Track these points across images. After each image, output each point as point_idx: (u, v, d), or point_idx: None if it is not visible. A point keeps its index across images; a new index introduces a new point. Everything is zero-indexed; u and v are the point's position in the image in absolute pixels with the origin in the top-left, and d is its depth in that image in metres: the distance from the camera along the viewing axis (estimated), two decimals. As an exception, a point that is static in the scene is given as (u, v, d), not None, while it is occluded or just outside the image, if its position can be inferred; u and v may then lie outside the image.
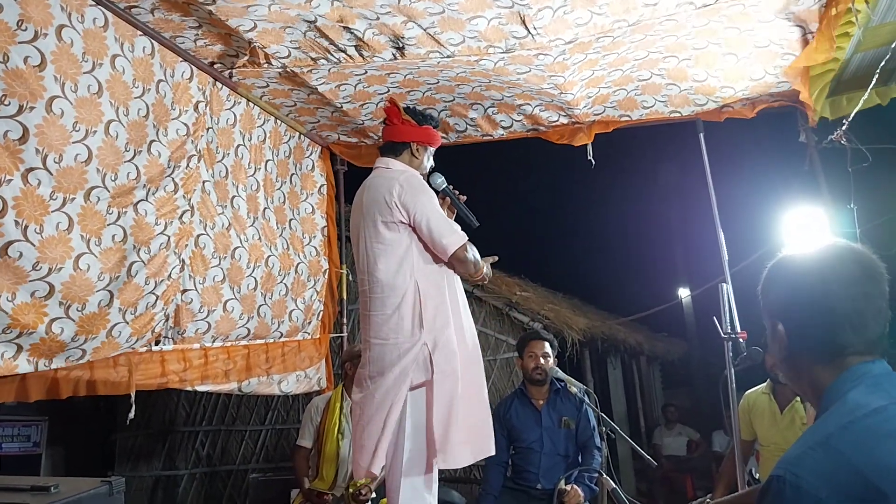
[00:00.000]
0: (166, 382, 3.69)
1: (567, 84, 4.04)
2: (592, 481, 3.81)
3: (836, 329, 1.26)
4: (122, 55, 3.21)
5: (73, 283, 2.94)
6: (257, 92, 4.23)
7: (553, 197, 18.39)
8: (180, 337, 3.72)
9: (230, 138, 4.12)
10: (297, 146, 4.85)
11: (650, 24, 3.47)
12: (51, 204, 2.83)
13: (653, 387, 13.28)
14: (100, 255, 3.08)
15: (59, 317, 2.91)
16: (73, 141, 2.91)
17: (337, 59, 3.73)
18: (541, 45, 3.53)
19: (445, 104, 4.50)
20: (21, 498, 2.13)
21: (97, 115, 3.04)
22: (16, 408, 5.92)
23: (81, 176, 2.97)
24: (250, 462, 7.48)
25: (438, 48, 3.59)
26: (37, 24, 2.75)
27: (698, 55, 3.89)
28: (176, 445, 7.67)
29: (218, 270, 3.92)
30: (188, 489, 7.54)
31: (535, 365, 4.12)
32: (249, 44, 3.55)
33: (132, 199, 3.28)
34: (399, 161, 3.00)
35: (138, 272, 3.31)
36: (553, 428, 4.06)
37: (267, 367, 4.39)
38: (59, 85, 2.85)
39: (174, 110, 3.57)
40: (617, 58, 3.86)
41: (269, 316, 4.39)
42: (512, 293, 7.08)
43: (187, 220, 3.66)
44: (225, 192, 4.05)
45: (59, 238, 2.87)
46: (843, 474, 1.09)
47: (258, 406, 7.60)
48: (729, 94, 4.30)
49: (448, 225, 2.83)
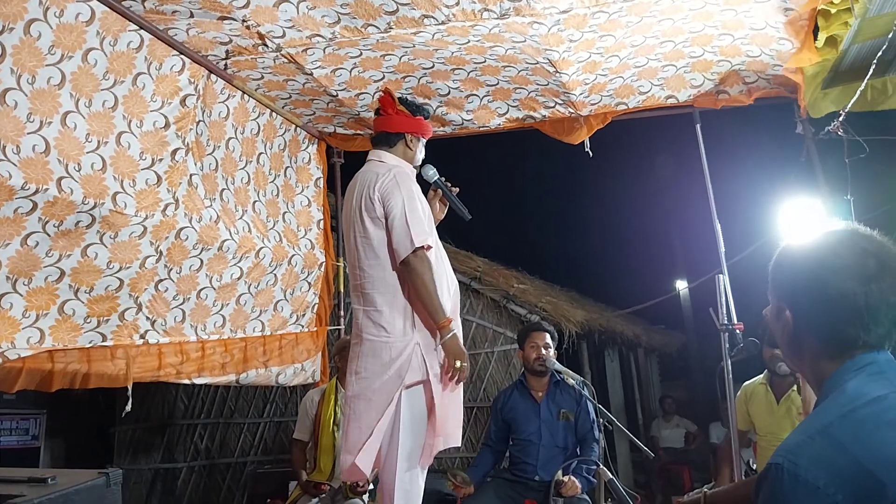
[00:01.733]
0: (163, 375, 3.70)
1: (562, 62, 4.00)
2: (590, 473, 3.81)
3: (846, 324, 1.23)
4: (100, 48, 3.17)
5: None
6: (252, 84, 4.21)
7: (550, 189, 18.43)
8: (164, 329, 3.72)
9: (222, 131, 4.10)
10: (292, 139, 4.84)
11: (646, 3, 3.46)
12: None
13: (650, 379, 13.32)
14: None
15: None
16: (28, 132, 2.90)
17: (332, 35, 3.69)
18: (535, 11, 3.49)
19: (441, 97, 4.49)
20: (18, 489, 2.12)
21: (54, 107, 3.02)
22: (14, 401, 5.92)
23: (45, 167, 2.97)
24: (249, 455, 7.50)
25: (433, 12, 3.54)
26: (5, 19, 2.75)
27: (694, 37, 3.88)
28: (175, 438, 7.68)
29: (195, 260, 3.91)
30: (187, 482, 7.56)
31: (537, 355, 4.12)
32: (243, 22, 3.50)
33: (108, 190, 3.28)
34: (392, 153, 2.98)
35: (97, 254, 3.32)
36: (552, 420, 4.07)
37: (265, 359, 4.40)
38: (16, 78, 2.83)
39: (154, 102, 3.53)
40: (614, 42, 3.84)
41: (249, 305, 4.39)
42: (509, 286, 7.08)
43: (170, 213, 3.64)
44: (214, 185, 4.04)
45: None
46: (841, 463, 1.09)
47: (256, 399, 7.62)
48: (725, 68, 4.25)
49: (410, 228, 2.73)
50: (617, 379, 10.72)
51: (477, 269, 7.18)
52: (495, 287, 7.04)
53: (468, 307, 7.12)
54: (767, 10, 3.60)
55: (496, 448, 4.26)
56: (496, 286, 7.05)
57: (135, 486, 7.40)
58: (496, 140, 5.20)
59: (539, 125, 4.84)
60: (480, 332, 7.06)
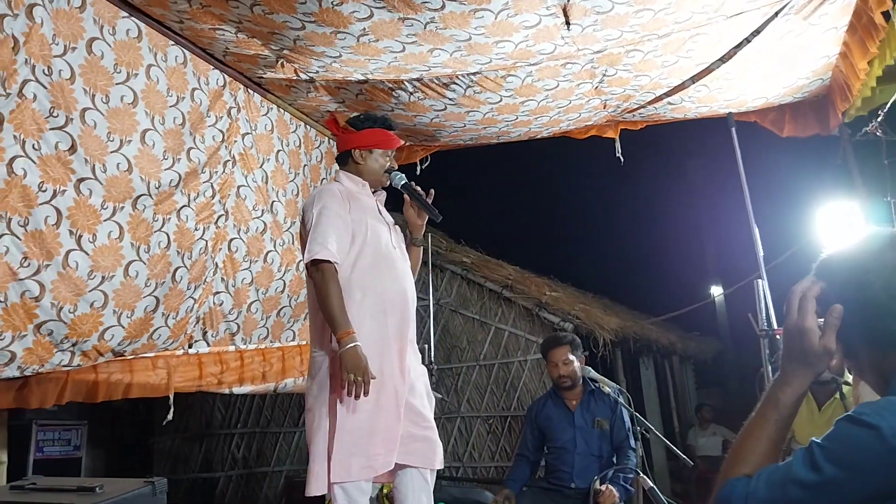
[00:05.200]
0: (204, 385, 3.76)
1: (594, 91, 4.06)
2: (628, 482, 3.79)
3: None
4: (156, 65, 3.28)
5: (124, 291, 3.04)
6: (287, 99, 4.30)
7: (581, 195, 18.28)
8: (214, 339, 3.79)
9: (269, 144, 4.20)
10: (327, 150, 4.91)
11: (681, 39, 3.49)
12: (102, 213, 2.94)
13: (686, 387, 13.15)
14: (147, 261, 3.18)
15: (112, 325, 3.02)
16: (110, 150, 2.99)
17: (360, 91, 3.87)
18: (569, 54, 3.54)
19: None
20: (68, 498, 2.19)
21: (132, 125, 3.12)
22: (56, 412, 6.04)
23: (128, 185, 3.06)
24: (285, 464, 7.56)
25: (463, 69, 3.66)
26: (66, 39, 2.83)
27: (728, 70, 3.90)
28: (213, 448, 7.77)
29: (247, 273, 3.99)
30: (225, 491, 7.64)
31: (558, 374, 4.12)
32: (277, 59, 3.62)
33: (174, 205, 3.37)
34: (345, 172, 2.98)
35: (182, 278, 3.39)
36: (586, 428, 4.05)
37: (302, 368, 4.45)
38: (90, 97, 2.93)
39: (209, 117, 3.64)
40: (643, 60, 3.86)
41: (287, 316, 4.47)
42: (541, 293, 7.05)
43: (222, 224, 3.73)
44: (265, 196, 4.14)
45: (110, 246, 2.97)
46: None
47: (291, 408, 7.68)
48: (761, 103, 4.32)
49: (311, 241, 2.69)
50: (652, 387, 10.61)
51: (508, 277, 7.18)
52: (527, 295, 7.02)
53: (500, 315, 7.12)
54: (805, 32, 3.59)
55: (532, 458, 4.24)
56: (528, 294, 7.02)
57: (172, 495, 7.49)
58: (527, 148, 5.21)
59: (568, 133, 4.87)
60: (513, 341, 7.04)
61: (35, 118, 2.67)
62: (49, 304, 2.72)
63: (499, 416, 6.81)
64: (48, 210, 2.71)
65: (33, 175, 2.66)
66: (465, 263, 7.31)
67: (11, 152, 2.59)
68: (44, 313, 2.72)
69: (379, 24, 3.30)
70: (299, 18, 3.21)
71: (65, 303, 2.78)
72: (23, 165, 2.62)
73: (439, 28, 3.32)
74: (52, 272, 2.73)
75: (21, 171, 2.62)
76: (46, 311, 2.72)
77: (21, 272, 2.63)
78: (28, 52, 2.63)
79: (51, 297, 2.73)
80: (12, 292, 2.62)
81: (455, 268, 7.23)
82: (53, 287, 2.73)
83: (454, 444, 6.98)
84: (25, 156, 2.63)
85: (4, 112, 2.55)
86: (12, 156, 2.59)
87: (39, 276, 2.69)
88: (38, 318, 2.70)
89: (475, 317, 7.21)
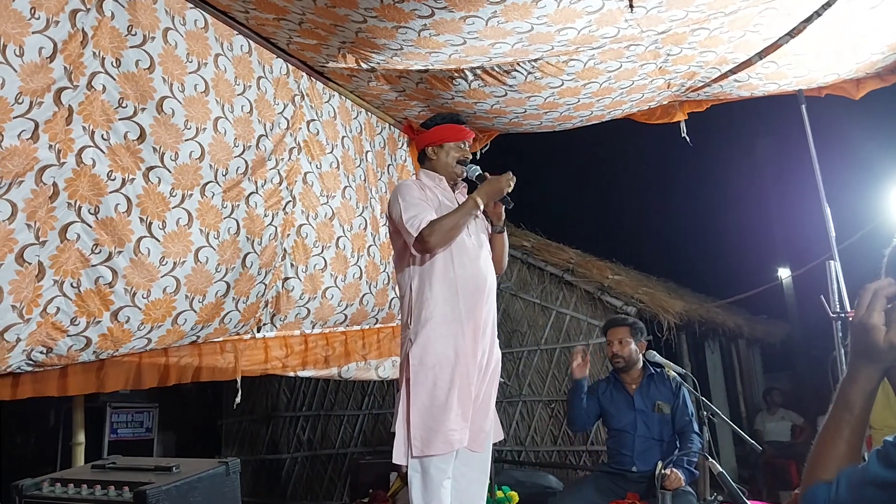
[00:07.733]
0: (270, 368, 3.83)
1: (658, 71, 3.96)
2: (692, 465, 3.74)
3: None
4: (223, 54, 3.34)
5: (195, 276, 3.13)
6: (349, 87, 4.32)
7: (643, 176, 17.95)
8: (282, 323, 3.85)
9: (335, 130, 4.26)
10: (389, 137, 4.93)
11: (749, 14, 3.38)
12: (171, 200, 3.01)
13: (753, 371, 12.85)
14: (217, 247, 3.26)
15: (185, 309, 3.11)
16: (185, 139, 3.06)
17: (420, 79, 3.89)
18: (632, 36, 3.47)
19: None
20: (147, 477, 2.27)
21: (205, 114, 3.19)
22: (129, 395, 6.27)
23: (196, 172, 3.13)
24: (349, 446, 7.69)
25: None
26: (144, 29, 2.90)
27: (797, 46, 3.76)
28: (278, 430, 7.96)
29: (319, 259, 4.03)
30: (290, 472, 7.82)
31: (612, 353, 4.15)
32: (339, 50, 3.65)
33: (243, 192, 3.43)
34: (424, 171, 3.16)
35: (253, 263, 3.46)
36: (647, 412, 4.01)
37: (364, 352, 4.50)
38: (168, 85, 3.00)
39: (277, 105, 3.70)
40: (709, 37, 3.75)
41: (370, 304, 4.50)
42: (604, 277, 6.97)
43: (290, 210, 3.79)
44: (336, 182, 4.19)
45: (179, 233, 3.04)
46: None
47: (354, 392, 7.80)
48: (832, 79, 4.17)
49: (406, 222, 2.84)
50: (718, 371, 10.41)
51: (570, 261, 7.11)
52: (589, 279, 6.94)
53: (561, 300, 7.06)
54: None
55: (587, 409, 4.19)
56: (590, 278, 6.95)
57: (242, 476, 7.69)
58: (588, 130, 5.13)
59: (633, 116, 4.78)
60: (574, 325, 6.98)
61: (104, 109, 2.74)
62: (122, 289, 2.80)
63: (560, 400, 6.77)
64: (118, 198, 2.78)
65: (102, 164, 2.73)
66: (525, 247, 7.26)
67: (81, 143, 2.65)
68: (119, 299, 2.80)
69: (440, 23, 3.31)
70: (361, 13, 3.23)
71: (138, 288, 2.86)
72: (92, 155, 2.69)
73: (501, 22, 3.31)
74: (125, 258, 2.80)
75: (90, 161, 2.68)
76: (121, 297, 2.81)
77: (93, 258, 2.71)
78: (96, 45, 2.70)
79: (123, 282, 2.81)
80: (85, 279, 2.69)
81: (515, 252, 7.19)
82: (126, 273, 2.81)
83: (516, 428, 6.98)
84: (94, 146, 2.70)
85: (74, 104, 2.62)
86: (81, 146, 2.65)
87: (112, 262, 2.76)
88: (114, 304, 2.79)
89: (536, 301, 7.17)
